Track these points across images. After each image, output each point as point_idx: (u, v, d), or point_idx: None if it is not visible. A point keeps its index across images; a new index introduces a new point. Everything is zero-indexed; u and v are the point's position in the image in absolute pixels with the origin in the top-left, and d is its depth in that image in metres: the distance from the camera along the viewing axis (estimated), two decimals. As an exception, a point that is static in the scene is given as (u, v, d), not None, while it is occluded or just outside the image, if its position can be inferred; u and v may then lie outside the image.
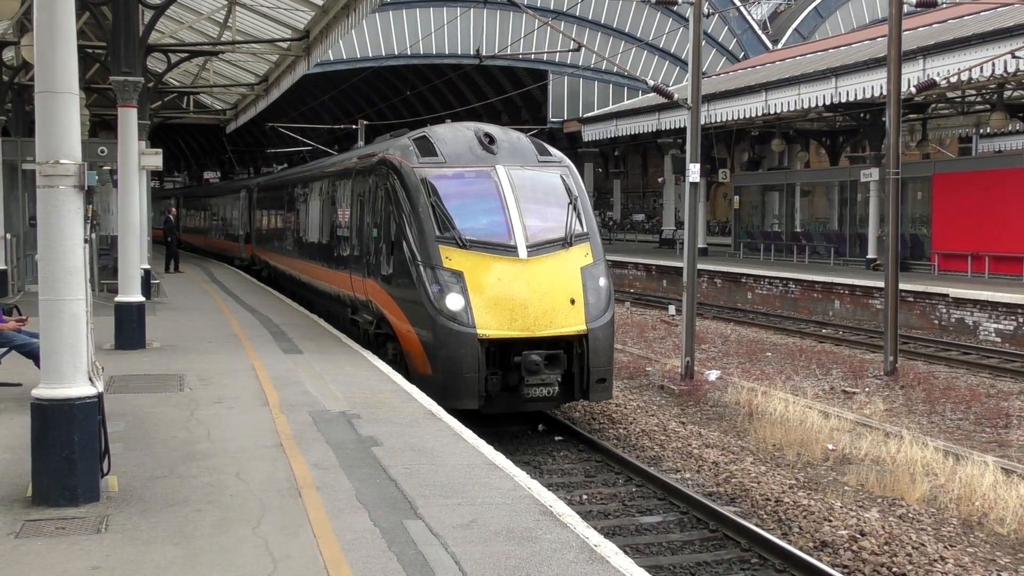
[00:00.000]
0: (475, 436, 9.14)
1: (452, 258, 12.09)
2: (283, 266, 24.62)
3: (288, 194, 23.99)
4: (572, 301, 11.99)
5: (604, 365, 12.06)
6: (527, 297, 11.81)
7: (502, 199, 12.56)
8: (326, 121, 43.70)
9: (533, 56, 45.12)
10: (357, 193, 15.57)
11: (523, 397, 11.76)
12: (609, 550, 6.19)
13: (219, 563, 5.87)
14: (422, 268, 12.20)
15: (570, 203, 12.92)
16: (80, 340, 6.96)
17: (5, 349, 10.73)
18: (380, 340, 14.21)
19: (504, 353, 11.75)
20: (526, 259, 12.12)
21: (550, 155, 13.70)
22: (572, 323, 11.89)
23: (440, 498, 7.15)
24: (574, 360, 11.92)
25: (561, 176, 13.33)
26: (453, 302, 11.77)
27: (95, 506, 6.88)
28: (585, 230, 12.82)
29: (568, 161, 13.95)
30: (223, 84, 30.66)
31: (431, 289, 11.97)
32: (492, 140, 13.30)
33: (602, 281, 12.46)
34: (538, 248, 12.28)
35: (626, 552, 6.46)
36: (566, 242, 12.50)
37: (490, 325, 11.64)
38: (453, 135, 13.59)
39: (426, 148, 13.31)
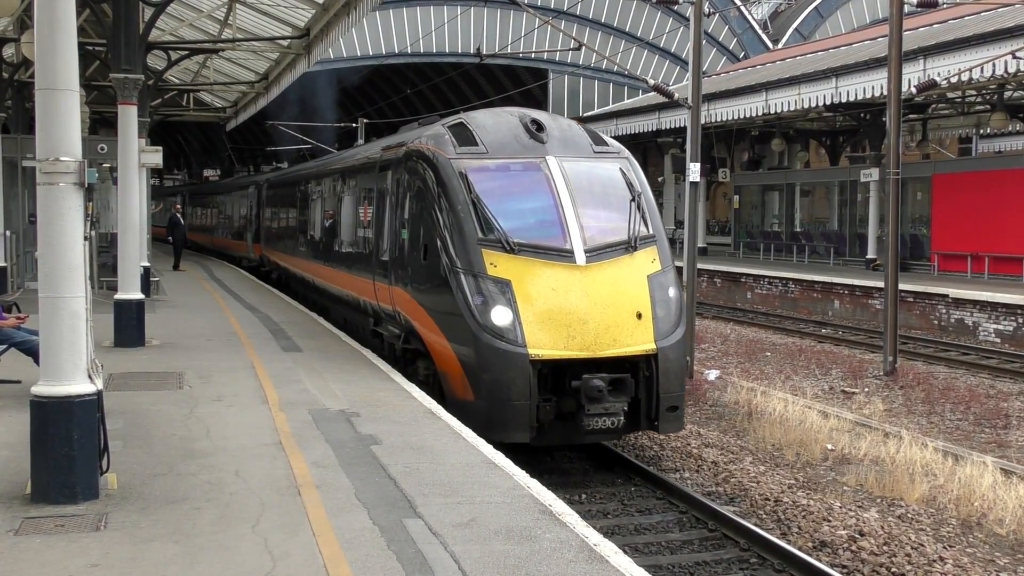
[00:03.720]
0: (474, 435, 9.14)
1: (498, 264, 10.48)
2: (295, 268, 22.88)
3: (302, 191, 22.12)
4: (639, 315, 10.40)
5: (676, 391, 10.48)
6: (586, 311, 10.21)
7: (554, 195, 10.96)
8: (326, 119, 43.65)
9: (534, 55, 45.13)
10: (382, 189, 13.90)
11: (583, 429, 10.12)
12: (608, 549, 6.19)
13: (218, 561, 5.87)
14: (462, 276, 10.58)
15: (632, 200, 11.26)
16: (80, 337, 6.96)
17: (4, 346, 10.71)
18: (409, 357, 12.54)
19: (558, 376, 10.20)
20: (584, 266, 10.51)
21: (606, 144, 12.05)
22: (639, 341, 10.32)
23: (439, 497, 7.15)
24: (640, 384, 10.35)
25: (620, 168, 11.68)
26: (499, 316, 10.17)
27: (94, 504, 6.87)
28: (651, 232, 11.20)
29: (627, 152, 12.22)
30: (223, 82, 30.64)
31: (473, 300, 10.37)
32: (540, 127, 11.62)
33: (672, 291, 10.85)
34: (598, 253, 10.66)
35: (625, 551, 6.46)
36: (630, 246, 10.89)
37: (543, 344, 10.05)
38: (495, 122, 11.94)
39: (464, 137, 11.65)
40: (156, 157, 21.11)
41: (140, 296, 15.01)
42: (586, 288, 10.36)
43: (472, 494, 7.25)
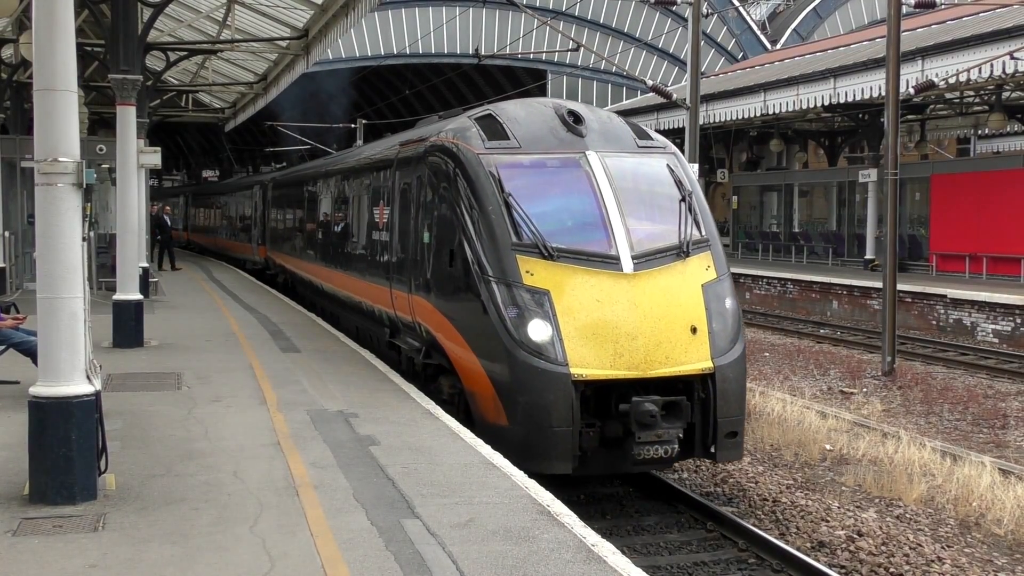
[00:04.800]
0: (473, 436, 9.15)
1: (534, 272, 9.38)
2: (302, 272, 21.58)
3: (310, 190, 20.79)
4: (693, 329, 9.31)
5: (735, 414, 9.41)
6: (636, 324, 9.12)
7: (597, 195, 9.86)
8: (324, 120, 43.65)
9: (532, 56, 45.12)
10: (400, 187, 12.66)
11: (632, 458, 9.04)
12: (606, 549, 6.19)
13: (216, 562, 5.87)
14: (494, 285, 9.48)
15: (683, 199, 10.16)
16: (78, 338, 6.96)
17: (3, 347, 10.72)
18: (431, 373, 11.45)
19: (603, 397, 9.16)
20: (632, 274, 9.39)
21: (651, 139, 10.96)
22: (694, 359, 9.23)
23: (437, 497, 7.15)
24: (695, 407, 9.30)
25: (668, 165, 10.59)
26: (537, 331, 9.09)
27: (92, 504, 6.87)
28: (704, 235, 10.10)
29: (673, 147, 11.16)
30: (222, 83, 30.65)
31: (507, 313, 9.28)
32: (578, 119, 10.50)
33: (728, 302, 9.76)
34: (647, 259, 9.55)
35: (623, 552, 6.46)
36: (682, 251, 9.77)
37: (587, 362, 8.97)
38: (527, 113, 10.82)
39: (493, 130, 10.53)
40: (155, 158, 21.11)
41: (139, 297, 15.01)
42: (634, 299, 9.28)
43: (470, 494, 7.25)
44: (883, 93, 18.83)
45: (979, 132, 39.52)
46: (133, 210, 15.54)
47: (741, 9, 50.39)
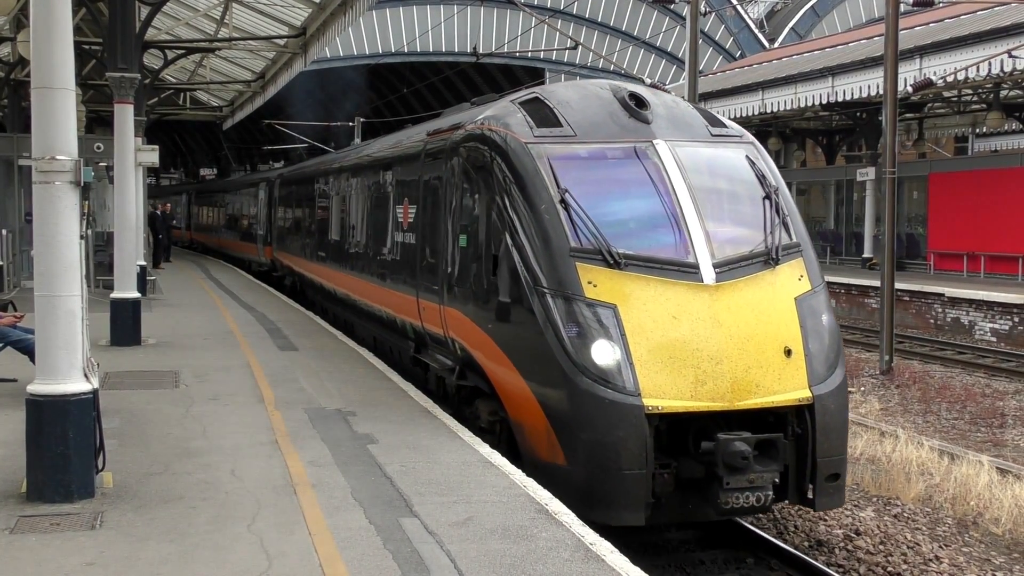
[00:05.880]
0: (471, 434, 9.14)
1: (598, 283, 8.00)
2: (313, 275, 20.05)
3: (322, 187, 19.28)
4: (787, 352, 7.93)
5: (837, 453, 7.99)
6: (719, 345, 7.76)
7: (669, 191, 8.48)
8: (321, 118, 43.65)
9: (530, 54, 45.17)
10: (429, 183, 11.23)
11: (718, 506, 7.63)
12: (604, 548, 6.19)
13: (213, 560, 5.86)
14: (549, 298, 8.09)
15: (767, 197, 8.84)
16: (75, 336, 6.96)
17: (1, 345, 10.72)
18: (465, 396, 10.08)
19: (678, 431, 7.80)
20: (714, 284, 8.04)
21: (725, 126, 9.53)
22: (789, 387, 7.83)
23: (436, 496, 7.14)
24: (790, 444, 7.92)
25: (747, 156, 9.20)
26: (602, 353, 7.73)
27: (90, 502, 6.87)
28: (795, 239, 8.77)
29: (751, 136, 9.72)
30: (220, 81, 30.62)
31: (565, 331, 7.91)
32: (642, 103, 9.10)
33: (826, 319, 8.37)
34: (731, 268, 8.20)
35: (621, 550, 6.46)
36: (770, 258, 8.40)
37: (663, 391, 7.61)
38: (581, 96, 9.37)
39: (543, 116, 9.12)
40: (152, 156, 21.09)
41: (136, 295, 15.02)
42: (717, 315, 7.91)
43: (468, 493, 7.24)
44: (881, 91, 18.84)
45: (977, 131, 39.53)
46: (131, 208, 15.54)
47: (739, 7, 50.38)
